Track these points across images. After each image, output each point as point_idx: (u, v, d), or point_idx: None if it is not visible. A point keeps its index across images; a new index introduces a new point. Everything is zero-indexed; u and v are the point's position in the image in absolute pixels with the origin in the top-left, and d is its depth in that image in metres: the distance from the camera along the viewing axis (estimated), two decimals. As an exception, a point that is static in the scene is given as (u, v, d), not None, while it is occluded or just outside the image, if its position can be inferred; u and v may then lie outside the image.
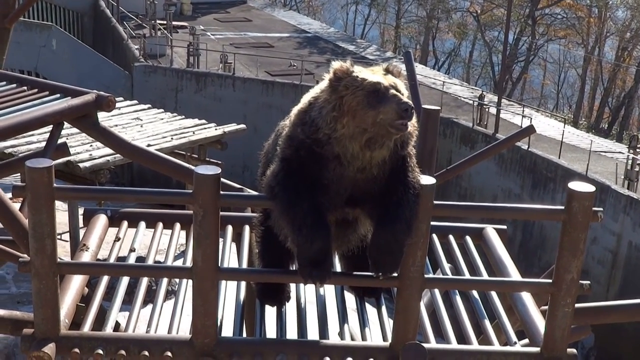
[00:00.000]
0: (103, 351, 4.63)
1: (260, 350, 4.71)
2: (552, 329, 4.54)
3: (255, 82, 25.71)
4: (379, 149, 4.18)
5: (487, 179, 20.69)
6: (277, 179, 4.41)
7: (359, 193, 4.37)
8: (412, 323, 4.61)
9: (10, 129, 6.60)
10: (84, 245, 5.41)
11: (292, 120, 4.51)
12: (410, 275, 4.47)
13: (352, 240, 4.77)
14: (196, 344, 4.62)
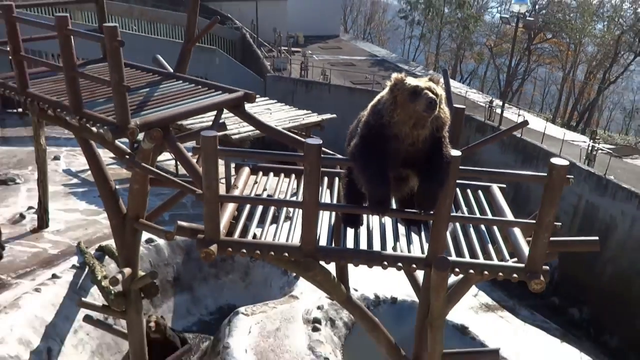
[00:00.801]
0: (245, 251, 4.84)
1: (343, 255, 4.85)
2: (533, 253, 4.54)
3: (343, 88, 26.10)
4: (421, 129, 4.30)
5: (493, 156, 20.78)
6: (357, 149, 4.54)
7: (410, 159, 4.47)
8: (441, 243, 4.67)
9: (192, 112, 6.86)
10: (234, 186, 5.59)
11: (368, 111, 4.64)
12: (441, 213, 4.53)
13: (404, 189, 4.84)
14: (303, 249, 4.77)
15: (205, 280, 12.62)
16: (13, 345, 8.52)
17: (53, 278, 10.33)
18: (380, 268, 4.81)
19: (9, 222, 12.68)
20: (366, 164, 4.42)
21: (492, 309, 12.25)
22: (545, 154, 19.39)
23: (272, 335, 9.92)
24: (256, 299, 11.73)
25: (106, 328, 9.09)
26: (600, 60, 40.34)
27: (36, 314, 9.38)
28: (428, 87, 4.28)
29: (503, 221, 4.96)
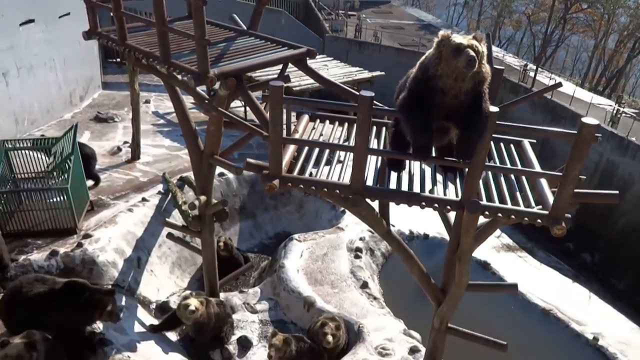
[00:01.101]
0: (302, 186, 4.88)
1: (387, 194, 4.81)
2: (558, 202, 4.38)
3: (392, 49, 25.11)
4: (462, 82, 4.14)
5: (523, 115, 19.76)
6: (405, 101, 4.39)
7: (451, 112, 4.30)
8: (474, 189, 4.55)
9: (263, 64, 6.80)
10: (295, 130, 5.59)
11: (416, 67, 4.47)
12: (477, 162, 4.39)
13: (443, 139, 4.70)
14: (352, 188, 4.76)
15: (266, 210, 12.83)
16: (111, 253, 8.96)
17: (143, 201, 10.70)
18: (418, 208, 4.75)
19: (109, 153, 13.13)
20: (412, 115, 4.29)
21: (512, 250, 12.06)
22: (573, 115, 18.45)
23: (320, 259, 10.08)
24: (308, 228, 11.90)
25: (184, 244, 9.42)
26: (631, 30, 37.54)
27: (129, 229, 9.79)
28: (470, 45, 4.06)
29: (532, 172, 4.77)
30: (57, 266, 8.48)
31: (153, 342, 7.66)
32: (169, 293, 9.70)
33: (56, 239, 9.18)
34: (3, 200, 9.11)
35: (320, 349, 7.61)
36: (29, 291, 6.46)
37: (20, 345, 5.66)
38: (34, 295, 6.43)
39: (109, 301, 6.56)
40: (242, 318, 8.95)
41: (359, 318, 8.44)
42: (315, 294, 9.01)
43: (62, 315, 6.36)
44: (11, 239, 8.94)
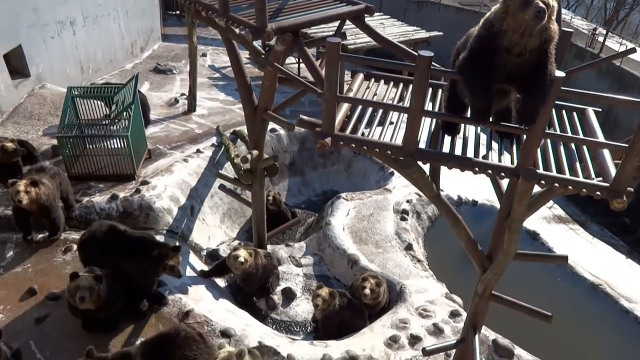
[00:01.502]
0: (354, 145, 4.82)
1: (439, 158, 4.71)
2: (620, 174, 4.15)
3: (452, 8, 23.99)
4: (529, 37, 3.88)
5: (588, 82, 18.46)
6: (465, 61, 4.20)
7: (514, 74, 4.09)
8: (531, 156, 4.39)
9: (320, 20, 6.69)
10: (349, 89, 5.50)
11: (479, 25, 4.24)
12: (537, 128, 4.21)
13: (503, 103, 4.52)
14: (404, 149, 4.68)
15: (315, 168, 12.90)
16: (166, 200, 9.30)
17: (197, 152, 10.97)
18: (470, 173, 4.64)
19: (166, 104, 13.45)
20: (472, 76, 4.10)
21: (563, 221, 11.68)
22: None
23: (366, 219, 10.11)
24: (355, 188, 11.91)
25: (235, 196, 9.65)
26: None
27: (184, 178, 10.10)
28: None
29: (595, 142, 4.52)
30: (117, 209, 8.91)
31: (203, 286, 8.00)
32: (219, 242, 10.04)
33: (116, 184, 9.61)
34: (69, 145, 9.57)
35: (361, 305, 7.75)
36: (104, 236, 6.92)
37: (89, 277, 6.24)
38: (109, 241, 6.88)
39: (175, 257, 6.82)
40: (287, 270, 9.18)
41: (402, 279, 8.49)
42: (359, 252, 9.10)
43: (132, 266, 6.74)
44: (76, 182, 9.43)
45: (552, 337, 7.77)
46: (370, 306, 7.85)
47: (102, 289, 6.25)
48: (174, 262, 6.77)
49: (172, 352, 5.63)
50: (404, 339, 7.14)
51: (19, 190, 7.42)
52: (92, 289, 6.17)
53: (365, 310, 7.79)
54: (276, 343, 6.79)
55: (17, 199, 7.44)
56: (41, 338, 6.64)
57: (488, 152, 4.83)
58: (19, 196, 7.41)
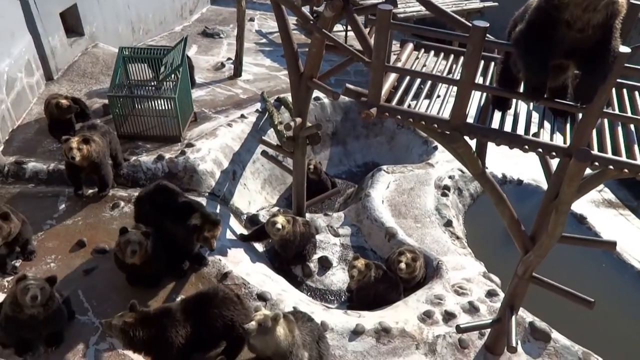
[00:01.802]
0: (400, 117, 4.73)
1: (487, 133, 4.58)
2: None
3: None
4: (593, 11, 3.61)
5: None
6: (522, 34, 4.00)
7: (574, 49, 3.86)
8: (585, 136, 4.20)
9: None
10: (398, 59, 5.37)
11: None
12: (594, 107, 4.01)
13: (559, 79, 4.31)
14: (452, 123, 4.57)
15: (357, 139, 12.80)
16: (210, 164, 9.46)
17: (241, 117, 11.05)
18: (519, 151, 4.49)
19: (213, 68, 13.55)
20: (529, 49, 3.89)
21: (613, 206, 11.22)
22: None
23: (406, 193, 10.01)
24: (397, 161, 11.76)
25: (277, 163, 9.71)
26: None
27: (227, 143, 10.22)
28: None
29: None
30: (162, 170, 9.14)
31: (242, 250, 8.17)
32: (259, 207, 10.18)
33: (163, 145, 9.84)
34: (119, 104, 9.82)
35: (396, 278, 7.75)
36: (158, 196, 7.20)
37: (138, 233, 6.53)
38: (161, 200, 7.16)
39: (211, 231, 6.86)
40: (325, 239, 9.24)
41: (439, 255, 8.41)
42: (397, 226, 9.04)
43: (173, 228, 6.95)
44: (124, 141, 9.71)
45: (592, 324, 7.58)
46: (406, 280, 7.84)
47: (149, 245, 6.49)
48: (209, 235, 6.83)
49: (211, 311, 5.81)
50: (438, 315, 7.12)
51: (71, 147, 7.70)
52: (141, 243, 6.44)
53: (400, 284, 7.79)
54: (310, 310, 6.90)
55: (70, 156, 7.73)
56: (89, 288, 6.98)
57: (539, 129, 4.66)
58: (72, 153, 7.70)
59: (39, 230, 7.85)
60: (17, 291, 5.59)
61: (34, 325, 5.77)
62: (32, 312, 5.66)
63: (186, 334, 5.66)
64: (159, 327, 5.56)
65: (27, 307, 5.60)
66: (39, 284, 5.64)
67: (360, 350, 6.55)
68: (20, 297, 5.57)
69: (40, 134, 9.99)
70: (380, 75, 4.58)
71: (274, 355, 5.60)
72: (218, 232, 6.97)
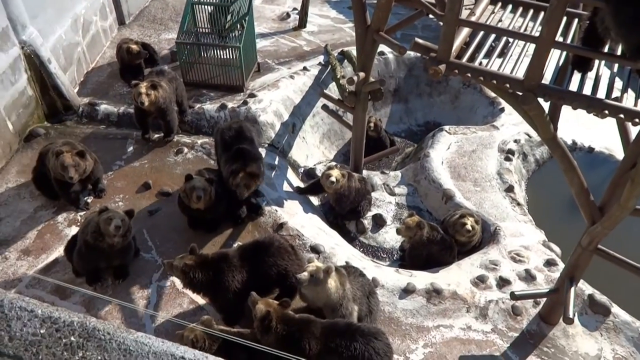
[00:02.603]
0: (470, 75, 4.52)
1: (564, 96, 4.30)
2: None
3: None
4: None
5: None
6: None
7: None
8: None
9: None
10: (472, 13, 5.09)
11: None
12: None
13: None
14: (525, 83, 4.33)
15: (420, 96, 12.44)
16: (270, 115, 9.51)
17: (304, 70, 10.94)
18: (592, 117, 4.21)
19: (278, 18, 13.40)
20: (626, 2, 3.54)
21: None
22: None
23: (467, 155, 9.72)
24: (459, 122, 11.39)
25: (337, 117, 9.62)
26: None
27: (288, 95, 10.20)
28: None
29: None
30: (225, 118, 9.28)
31: (297, 202, 8.27)
32: (316, 161, 10.21)
33: (226, 94, 9.95)
34: (186, 51, 9.95)
35: (451, 241, 7.64)
36: (229, 132, 7.46)
37: (203, 179, 6.76)
38: (229, 136, 7.42)
39: (244, 178, 6.89)
40: (380, 197, 9.20)
41: (497, 221, 8.19)
42: (456, 188, 8.84)
43: (223, 165, 7.17)
44: (190, 88, 9.89)
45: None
46: (462, 243, 7.71)
47: (212, 191, 6.69)
48: (242, 183, 6.79)
49: (266, 259, 5.97)
50: (492, 280, 7.00)
51: (140, 92, 7.93)
52: (205, 190, 6.67)
53: (454, 247, 7.68)
54: (362, 265, 6.95)
55: (139, 100, 7.98)
56: (153, 228, 7.33)
57: (623, 94, 4.31)
58: (141, 98, 7.93)
59: (109, 170, 8.26)
60: (100, 221, 5.97)
61: (110, 254, 6.16)
62: (112, 242, 6.04)
63: (242, 279, 5.85)
64: (217, 271, 5.77)
65: (109, 235, 5.97)
66: (120, 216, 6.00)
67: (410, 309, 6.58)
68: (104, 227, 5.93)
69: (112, 77, 10.35)
70: (453, 29, 4.36)
71: (325, 306, 5.72)
72: (254, 183, 6.95)
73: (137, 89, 7.99)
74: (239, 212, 7.42)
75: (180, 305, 6.37)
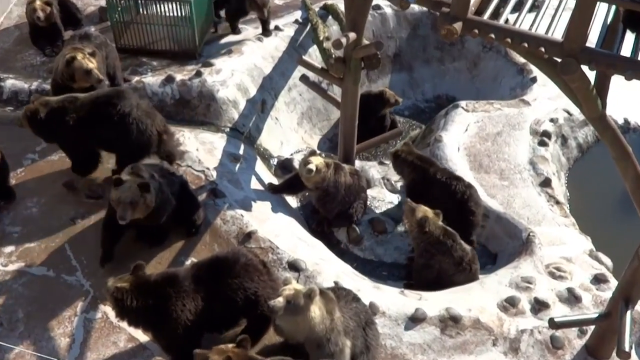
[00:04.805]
0: (494, 35, 4.51)
1: (615, 62, 4.31)
2: None
3: None
4: None
5: None
6: None
7: None
8: None
9: None
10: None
11: None
12: None
13: None
14: (565, 47, 4.33)
15: (427, 63, 12.46)
16: (232, 89, 9.42)
17: (275, 30, 10.85)
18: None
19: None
20: None
21: None
22: None
23: (491, 139, 9.76)
24: (480, 95, 11.44)
25: (320, 92, 9.56)
26: None
27: (256, 63, 10.11)
28: None
29: None
30: (172, 95, 9.20)
31: (269, 203, 8.23)
32: (294, 149, 10.18)
33: (173, 63, 9.84)
34: (120, 8, 9.80)
35: (473, 256, 7.65)
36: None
37: (134, 186, 6.37)
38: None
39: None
40: (379, 196, 9.19)
41: (531, 224, 8.24)
42: (477, 182, 8.88)
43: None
44: (125, 56, 9.76)
45: None
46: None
47: (149, 198, 6.43)
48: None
49: (229, 281, 5.89)
50: (524, 303, 7.02)
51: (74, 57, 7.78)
52: (133, 203, 6.31)
53: (475, 260, 7.65)
54: (357, 286, 6.92)
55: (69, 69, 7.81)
56: (78, 242, 7.24)
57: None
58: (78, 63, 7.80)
59: (18, 166, 8.11)
60: None
61: None
62: None
63: (195, 309, 5.78)
64: (161, 298, 5.68)
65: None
66: None
67: (419, 343, 6.57)
68: None
69: (21, 44, 10.16)
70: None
71: (307, 341, 5.68)
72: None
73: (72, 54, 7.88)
74: (193, 217, 7.32)
75: (116, 344, 6.28)
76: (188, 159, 8.28)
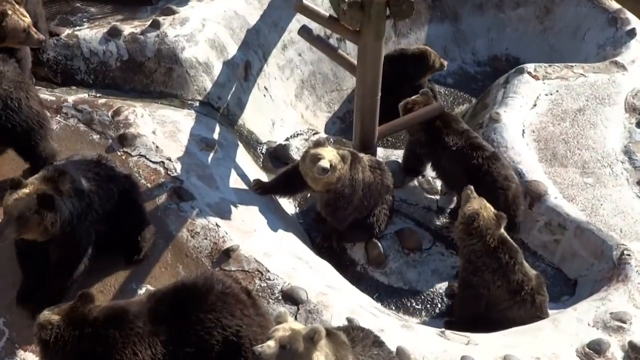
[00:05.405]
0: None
1: None
2: None
3: None
4: None
5: None
6: None
7: None
8: None
9: None
10: None
11: None
12: None
13: None
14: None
15: (480, 10, 12.50)
16: (203, 47, 9.43)
17: (264, -38, 10.92)
18: None
19: None
20: None
21: None
22: None
23: (569, 118, 9.80)
24: (553, 56, 11.52)
25: (327, 50, 9.53)
26: None
27: (237, 9, 10.13)
28: None
29: None
30: (118, 55, 9.24)
31: (256, 208, 8.24)
32: (291, 132, 10.20)
33: (120, 10, 9.88)
34: None
35: (540, 283, 7.71)
36: None
37: (33, 200, 6.19)
38: None
39: None
40: (410, 198, 9.28)
41: (625, 239, 8.29)
42: (549, 179, 8.91)
43: None
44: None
45: None
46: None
47: (48, 216, 6.25)
48: None
49: (200, 317, 5.93)
50: (615, 349, 7.05)
51: None
52: (22, 219, 6.19)
53: (541, 297, 7.71)
54: (379, 325, 6.95)
55: None
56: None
57: None
58: None
59: None
60: None
61: None
62: None
63: (153, 356, 5.81)
64: (101, 343, 5.70)
65: None
66: None
67: (467, 405, 6.63)
68: None
69: None
70: None
71: (309, 401, 5.72)
72: None
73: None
74: (136, 237, 7.26)
75: (41, 407, 6.33)
76: (140, 146, 8.22)
